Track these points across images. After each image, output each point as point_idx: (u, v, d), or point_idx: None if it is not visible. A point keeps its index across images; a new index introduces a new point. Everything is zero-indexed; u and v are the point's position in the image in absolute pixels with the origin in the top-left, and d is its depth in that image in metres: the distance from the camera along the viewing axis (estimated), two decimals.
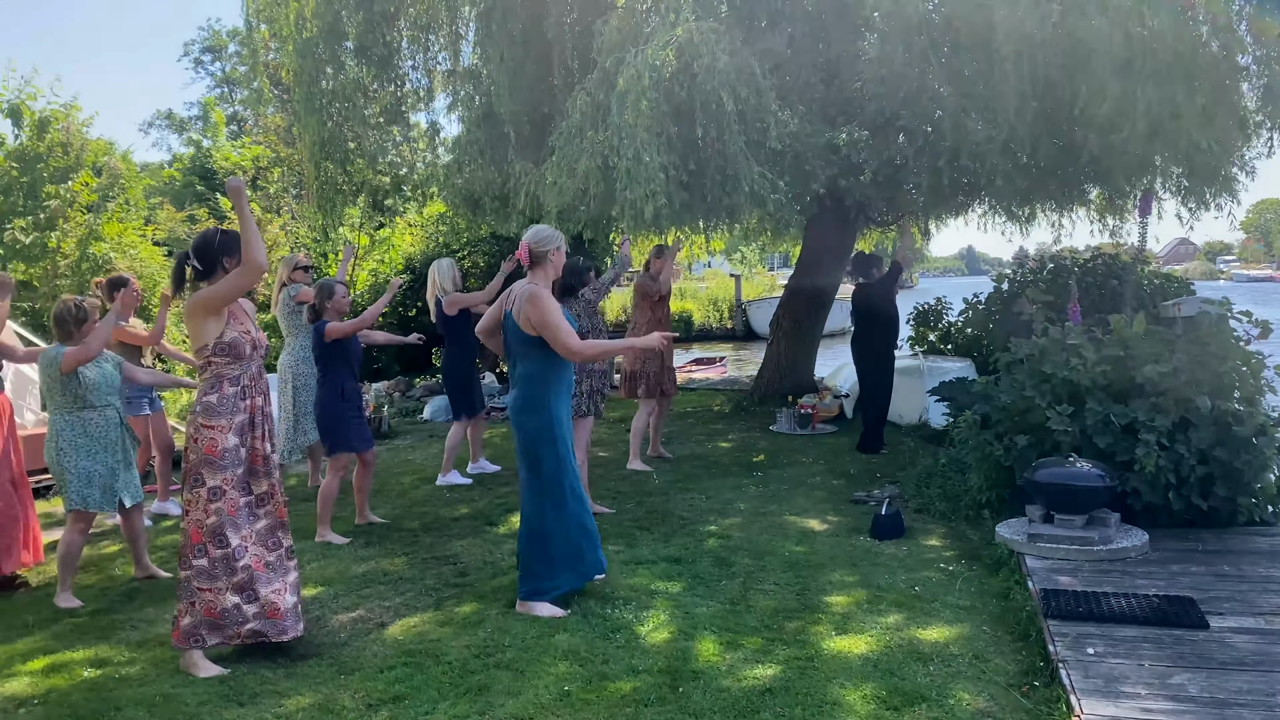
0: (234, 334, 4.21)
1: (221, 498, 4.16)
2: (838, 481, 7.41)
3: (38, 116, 12.93)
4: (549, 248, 4.79)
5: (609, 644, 4.32)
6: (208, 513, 4.14)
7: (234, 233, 4.30)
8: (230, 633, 4.18)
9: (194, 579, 4.15)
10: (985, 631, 4.39)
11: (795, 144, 7.92)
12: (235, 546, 4.19)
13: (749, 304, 28.50)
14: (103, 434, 5.30)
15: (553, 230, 4.89)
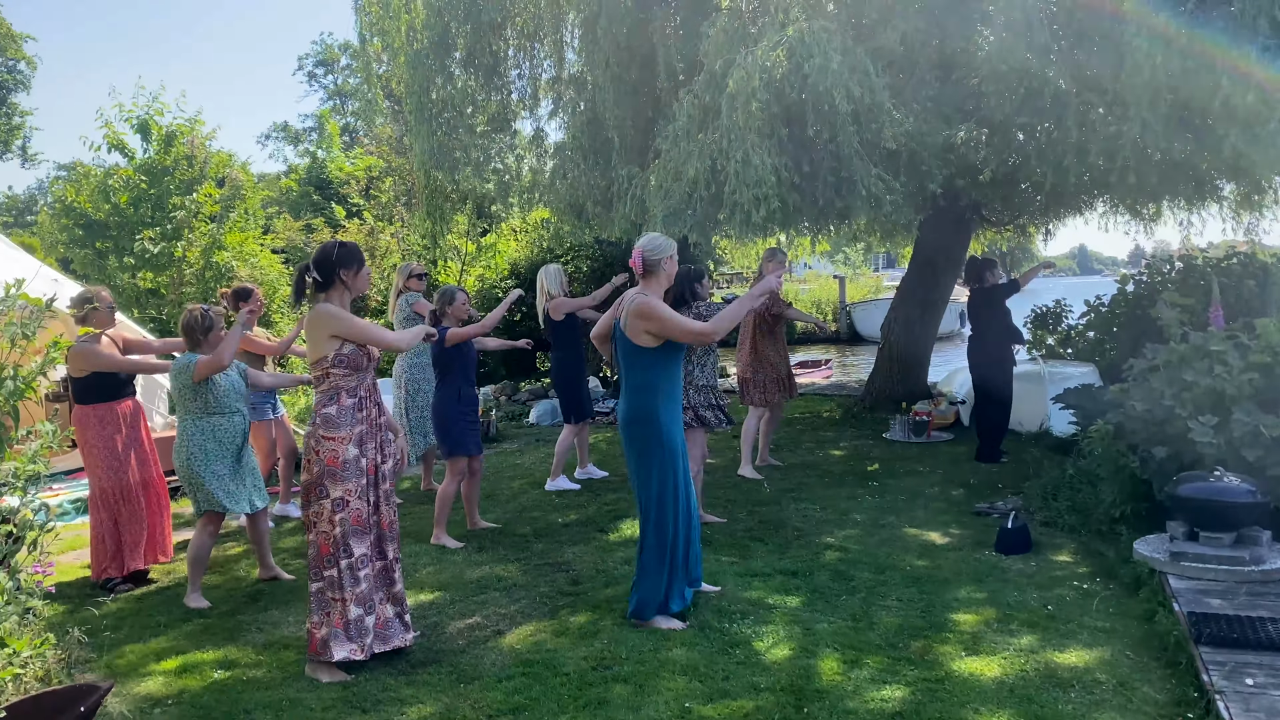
0: (351, 347, 4.27)
1: (345, 508, 4.22)
2: (957, 492, 7.15)
3: (165, 131, 13.50)
4: (661, 256, 4.71)
5: (728, 659, 4.22)
6: (333, 524, 4.20)
7: (352, 245, 4.41)
8: (357, 645, 4.23)
9: (326, 590, 4.22)
10: (1129, 657, 4.14)
11: (911, 143, 7.68)
12: (359, 555, 4.24)
13: (854, 306, 27.99)
14: (230, 439, 5.46)
15: (665, 238, 4.81)
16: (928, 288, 10.97)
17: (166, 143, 13.52)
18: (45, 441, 3.72)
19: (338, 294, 4.32)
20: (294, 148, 39.32)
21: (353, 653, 4.22)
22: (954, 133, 7.81)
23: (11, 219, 29.57)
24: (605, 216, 10.33)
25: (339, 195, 18.70)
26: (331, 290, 4.31)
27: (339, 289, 4.31)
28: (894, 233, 12.18)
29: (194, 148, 13.63)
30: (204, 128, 13.91)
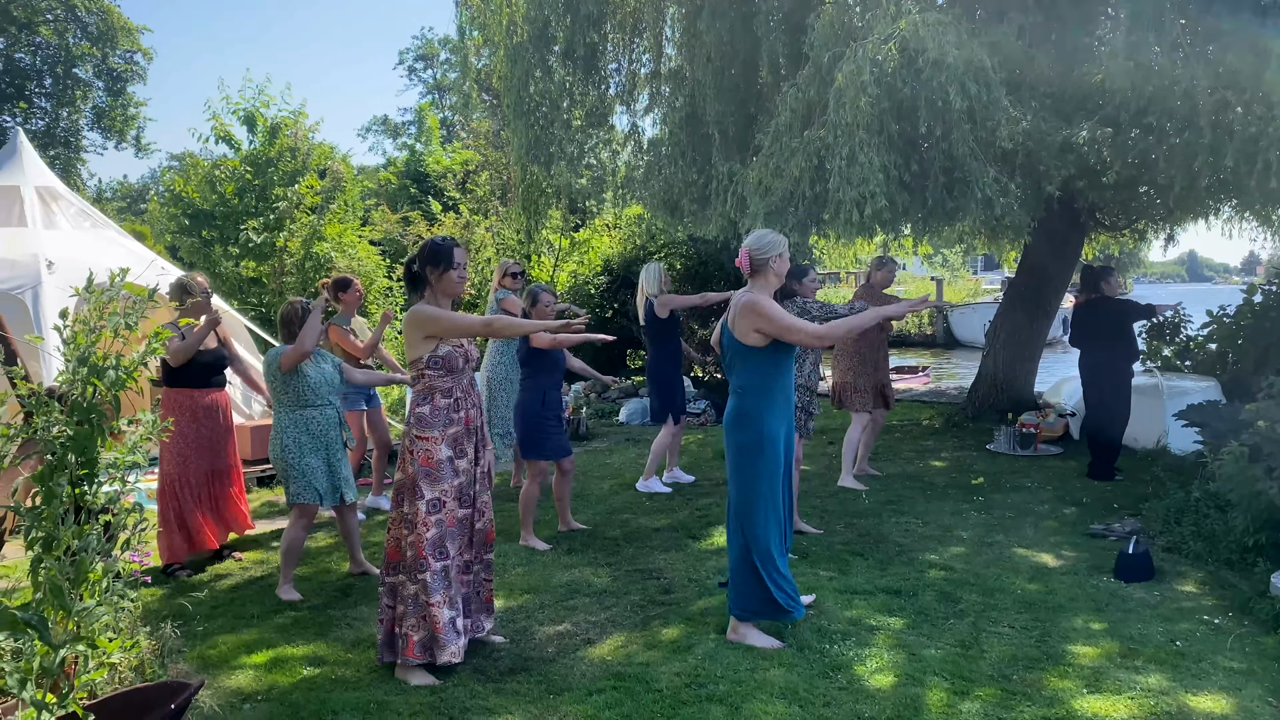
0: (448, 348, 4.18)
1: (441, 509, 4.14)
2: (1069, 510, 6.77)
3: (270, 123, 13.77)
4: (770, 254, 4.49)
5: (829, 684, 4.00)
6: (428, 525, 4.12)
7: (442, 246, 4.25)
8: (453, 649, 4.14)
9: (421, 593, 4.13)
10: (1271, 704, 3.79)
11: (1028, 142, 7.31)
12: (453, 558, 4.16)
13: (952, 309, 27.22)
14: (322, 432, 5.44)
15: (775, 235, 4.57)
16: (1037, 293, 10.50)
17: (271, 134, 13.80)
18: (146, 431, 3.70)
19: (431, 293, 4.23)
20: (393, 141, 40.07)
21: (452, 656, 4.14)
22: (1074, 132, 7.41)
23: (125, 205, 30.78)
24: (701, 214, 10.14)
25: (436, 189, 18.89)
26: (426, 289, 4.24)
27: (430, 288, 4.23)
28: (1001, 235, 11.70)
29: (297, 140, 13.88)
30: (307, 120, 14.16)
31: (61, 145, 25.57)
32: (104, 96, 26.28)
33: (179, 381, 5.81)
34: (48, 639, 2.28)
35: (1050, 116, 7.58)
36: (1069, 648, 4.35)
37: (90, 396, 3.62)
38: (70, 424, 3.56)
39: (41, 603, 2.41)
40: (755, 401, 4.43)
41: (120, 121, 26.45)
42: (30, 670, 2.29)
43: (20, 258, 7.90)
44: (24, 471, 3.62)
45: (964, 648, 4.37)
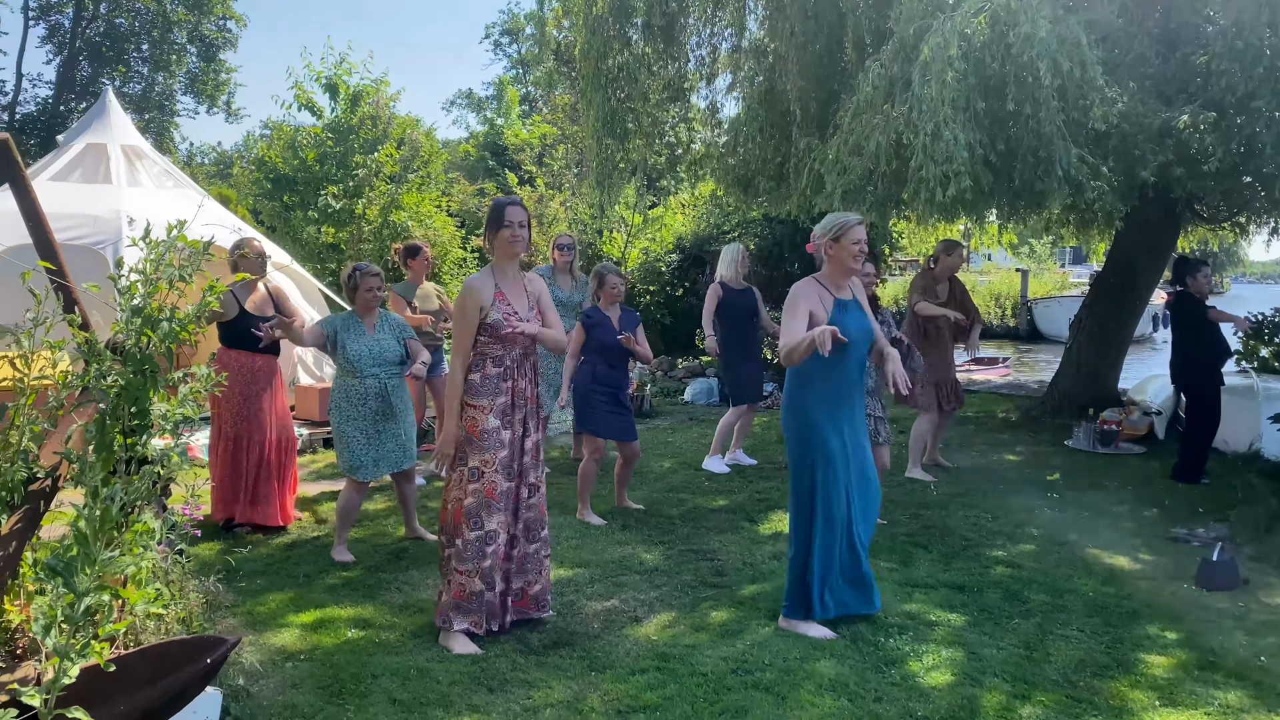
0: (497, 315, 4.10)
1: (480, 479, 4.08)
2: (1149, 513, 6.44)
3: (351, 91, 13.89)
4: (822, 239, 4.34)
5: (882, 678, 3.84)
6: (466, 493, 4.07)
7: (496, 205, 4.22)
8: (475, 619, 4.11)
9: (451, 559, 4.10)
10: None
11: (1123, 125, 6.93)
12: (489, 531, 4.09)
13: (1035, 302, 26.40)
14: (362, 401, 5.37)
15: (838, 216, 4.36)
16: (1126, 285, 10.04)
17: (353, 103, 13.92)
18: (195, 386, 3.69)
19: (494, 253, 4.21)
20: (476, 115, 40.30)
21: (473, 625, 4.10)
22: (1175, 115, 6.99)
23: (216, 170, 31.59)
24: (776, 192, 9.92)
25: (513, 162, 18.94)
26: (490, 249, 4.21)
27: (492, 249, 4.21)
28: (1091, 224, 11.22)
29: (378, 108, 13.98)
30: (388, 89, 14.25)
31: (156, 109, 26.30)
32: (197, 62, 26.94)
33: (234, 343, 5.83)
34: (72, 586, 2.26)
35: (1149, 99, 7.19)
36: (1141, 656, 4.11)
37: (144, 347, 3.62)
38: (124, 374, 3.57)
39: (68, 549, 2.39)
40: (802, 391, 4.29)
41: (211, 87, 27.09)
42: (54, 616, 2.27)
43: (104, 214, 8.08)
44: (78, 420, 3.65)
45: (1028, 649, 4.16)
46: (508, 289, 4.18)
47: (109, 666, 2.35)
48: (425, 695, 3.64)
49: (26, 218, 3.74)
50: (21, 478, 3.54)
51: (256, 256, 5.95)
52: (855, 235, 4.26)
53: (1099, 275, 10.63)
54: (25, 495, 3.54)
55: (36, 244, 3.78)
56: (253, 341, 5.80)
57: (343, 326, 5.39)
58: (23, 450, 3.62)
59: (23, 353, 3.64)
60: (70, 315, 3.64)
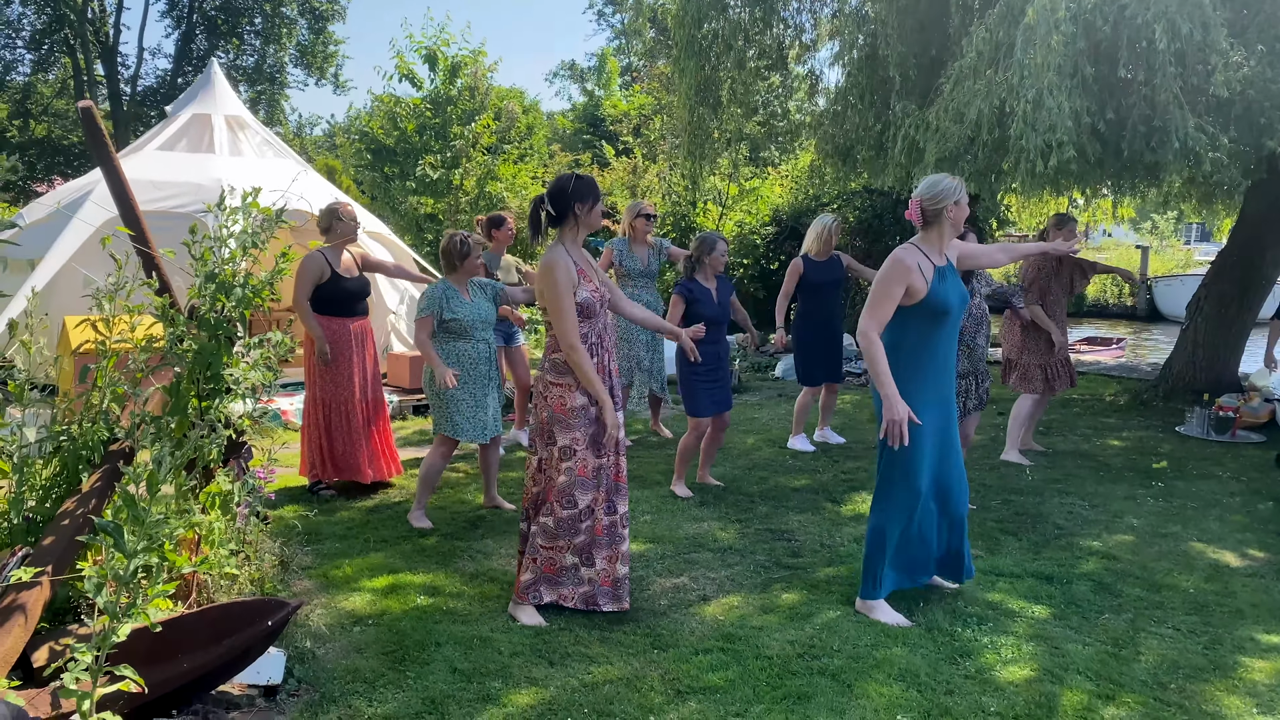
0: (585, 293, 4.04)
1: (572, 457, 4.04)
2: (1264, 506, 6.04)
3: (450, 62, 14.00)
4: (945, 203, 4.07)
5: (955, 670, 3.68)
6: (559, 471, 4.05)
7: (588, 179, 4.16)
8: (565, 591, 4.11)
9: (539, 536, 4.09)
10: None
11: (1248, 91, 6.46)
12: (582, 509, 4.06)
13: (1156, 280, 25.10)
14: (471, 365, 5.43)
15: (948, 180, 4.11)
16: (1251, 264, 9.41)
17: (451, 73, 14.03)
18: (266, 352, 3.75)
19: (570, 230, 4.10)
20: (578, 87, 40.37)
21: (562, 599, 4.10)
22: None
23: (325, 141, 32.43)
24: (876, 162, 9.60)
25: (610, 133, 18.88)
26: (565, 225, 4.10)
27: (571, 224, 4.09)
28: (1214, 199, 10.57)
29: (476, 79, 14.07)
30: (486, 60, 14.32)
31: (267, 81, 27.11)
32: (306, 34, 27.63)
33: (325, 309, 5.89)
34: (122, 547, 2.29)
35: (1278, 62, 6.68)
36: (1241, 660, 3.84)
37: (219, 312, 3.68)
38: (198, 339, 3.63)
39: (119, 511, 2.43)
40: (890, 359, 4.07)
41: (320, 59, 27.76)
42: (105, 575, 2.31)
43: (205, 182, 8.33)
44: (155, 383, 3.74)
45: (1116, 647, 3.93)
46: (585, 265, 4.15)
47: (155, 627, 2.39)
48: (486, 666, 3.64)
49: (110, 184, 3.84)
50: (103, 438, 3.65)
51: (350, 220, 5.99)
52: (965, 197, 4.12)
53: (1221, 253, 10.00)
54: (105, 455, 3.65)
55: (120, 210, 3.89)
56: (345, 306, 5.90)
57: (443, 298, 5.39)
58: (104, 411, 3.72)
59: (104, 316, 3.74)
60: (149, 280, 3.73)
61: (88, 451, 3.55)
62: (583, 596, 4.14)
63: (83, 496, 3.46)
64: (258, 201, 3.67)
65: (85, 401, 3.68)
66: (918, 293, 3.99)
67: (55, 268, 7.74)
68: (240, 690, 3.26)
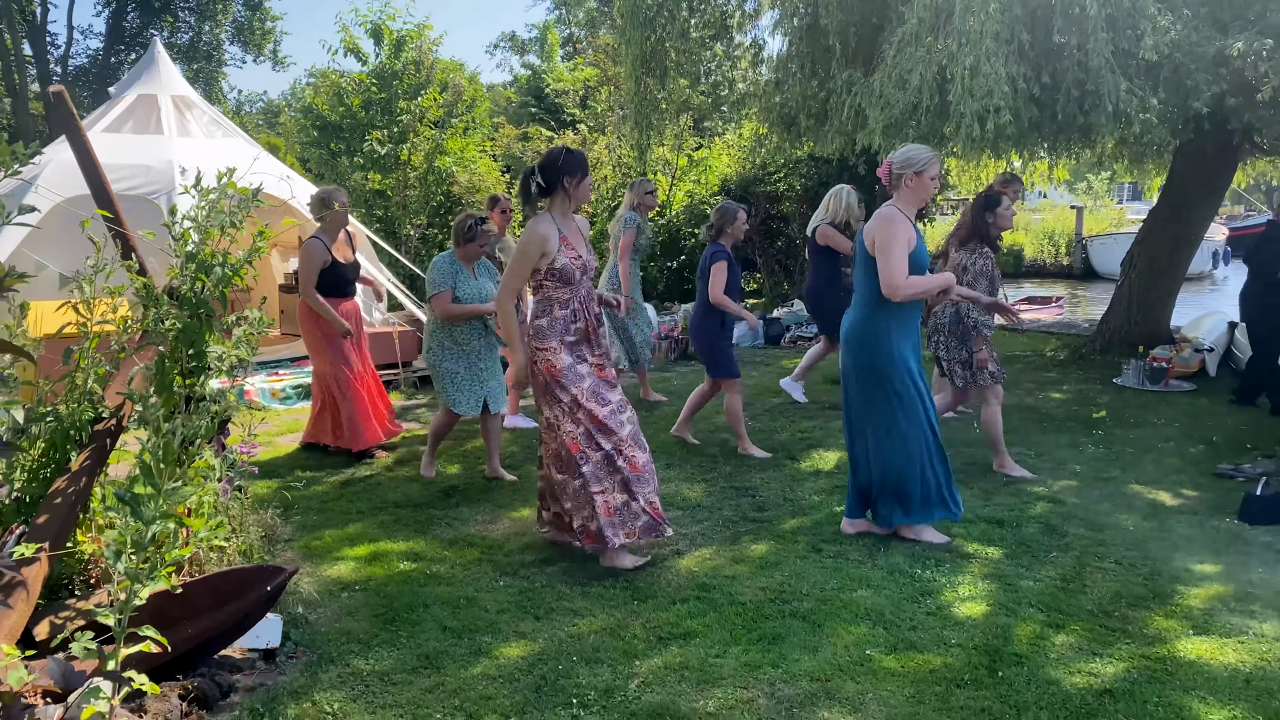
0: (564, 260, 4.26)
1: (580, 409, 4.24)
2: (1196, 449, 6.40)
3: (395, 36, 13.90)
4: (906, 170, 4.39)
5: (917, 608, 3.92)
6: (576, 422, 4.24)
7: (579, 154, 4.37)
8: (629, 529, 4.28)
9: (588, 484, 4.24)
10: None
11: (1175, 54, 6.76)
12: (609, 449, 4.25)
13: (1091, 239, 25.83)
14: (465, 340, 5.67)
15: (926, 151, 4.42)
16: (1180, 221, 9.81)
17: (396, 48, 13.94)
18: (251, 329, 3.83)
19: (560, 201, 4.32)
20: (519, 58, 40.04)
21: (628, 535, 4.27)
22: (1230, 43, 6.80)
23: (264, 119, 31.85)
24: (818, 130, 9.79)
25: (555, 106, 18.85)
26: (554, 196, 4.32)
27: (561, 196, 4.31)
28: (1144, 158, 10.95)
29: (421, 53, 13.98)
30: (431, 34, 14.23)
31: (204, 59, 26.54)
32: (243, 11, 27.07)
33: (326, 292, 6.08)
34: (139, 514, 2.40)
35: (1204, 26, 6.99)
36: (1178, 588, 4.14)
37: (199, 292, 3.76)
38: (180, 318, 3.71)
39: (135, 481, 2.54)
40: (876, 316, 4.40)
41: (258, 35, 27.24)
42: (124, 543, 2.42)
43: (156, 163, 8.26)
44: (139, 362, 3.82)
45: (1065, 581, 4.21)
46: (570, 234, 4.35)
47: (176, 589, 2.51)
48: (475, 623, 3.80)
49: (83, 168, 3.88)
50: (89, 417, 3.72)
51: (342, 207, 6.13)
52: (935, 170, 4.40)
53: (1152, 211, 10.40)
54: (92, 434, 3.72)
55: (93, 193, 3.93)
56: (341, 289, 6.12)
57: (453, 272, 5.62)
58: (88, 391, 3.79)
59: (85, 298, 3.80)
60: (129, 262, 3.79)
61: (75, 431, 3.62)
62: (644, 528, 4.32)
63: (73, 475, 3.53)
64: (234, 182, 3.74)
65: (69, 383, 3.74)
66: (911, 244, 4.31)
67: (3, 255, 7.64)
68: (241, 654, 3.38)
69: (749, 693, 3.25)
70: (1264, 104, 7.02)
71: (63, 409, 3.58)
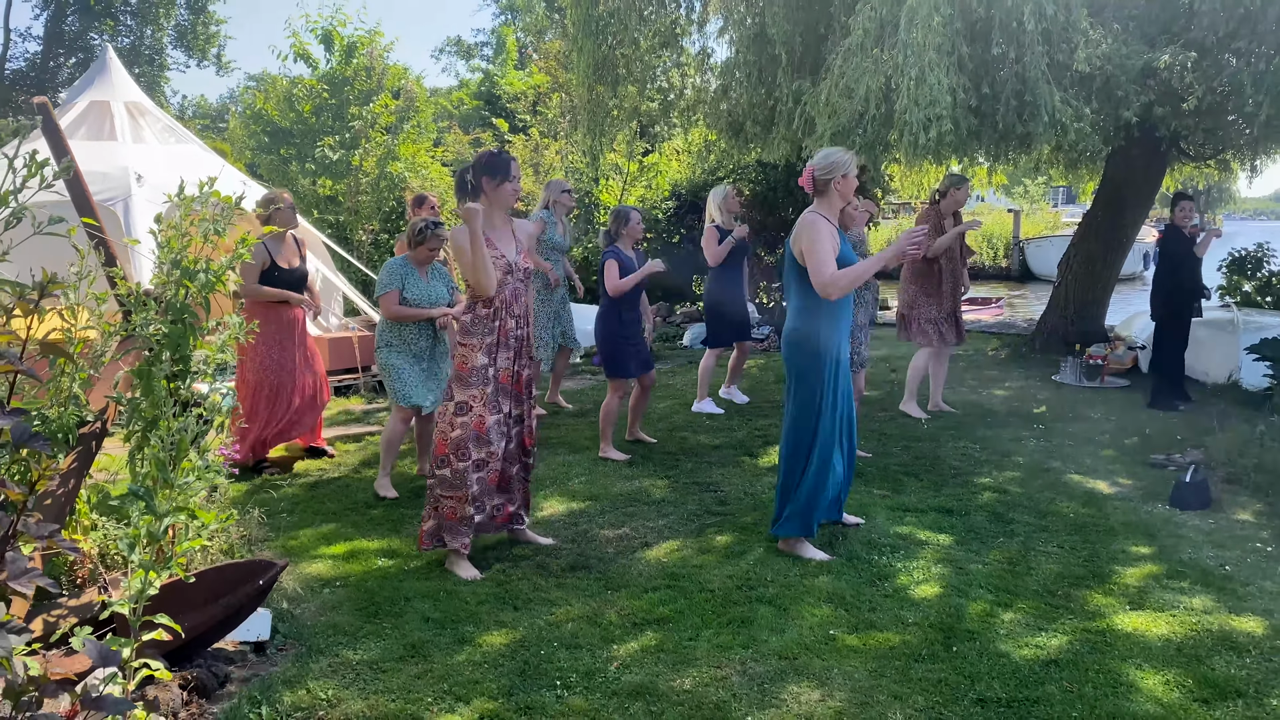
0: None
1: (468, 413, 4.34)
2: (1131, 441, 6.76)
3: (346, 42, 13.91)
4: (834, 175, 4.48)
5: (875, 591, 4.16)
6: (453, 425, 4.34)
7: (500, 157, 4.40)
8: (464, 541, 4.39)
9: (437, 487, 4.38)
10: None
11: (1106, 66, 7.14)
12: (475, 460, 4.34)
13: (1028, 242, 26.57)
14: (414, 340, 5.72)
15: (841, 154, 4.51)
16: (1113, 224, 10.27)
17: (347, 54, 13.95)
18: (233, 333, 3.93)
19: (484, 202, 4.37)
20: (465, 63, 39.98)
21: (462, 547, 4.38)
22: (1157, 56, 7.19)
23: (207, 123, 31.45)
24: (765, 137, 10.05)
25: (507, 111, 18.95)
26: (479, 198, 4.37)
27: (483, 198, 4.37)
28: (1079, 164, 11.42)
29: (373, 59, 14.02)
30: (382, 40, 14.27)
31: (146, 63, 26.11)
32: (186, 14, 26.70)
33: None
34: (153, 508, 2.52)
35: (1133, 40, 7.38)
36: (1115, 568, 4.44)
37: (183, 297, 3.86)
38: (165, 323, 3.81)
39: (146, 476, 2.65)
40: (811, 322, 4.47)
41: (202, 40, 26.88)
42: (138, 536, 2.53)
43: (111, 170, 8.24)
44: (124, 366, 3.90)
45: (1011, 564, 4.48)
46: (495, 235, 4.39)
47: (190, 578, 2.63)
48: (456, 614, 3.95)
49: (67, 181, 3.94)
50: (74, 421, 3.79)
51: (288, 208, 6.12)
52: (855, 171, 4.51)
53: (1087, 214, 10.87)
54: (78, 438, 3.79)
55: (75, 201, 4.01)
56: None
57: (403, 271, 5.68)
58: (73, 396, 3.87)
59: (70, 305, 3.87)
60: (114, 269, 3.87)
61: (62, 435, 3.69)
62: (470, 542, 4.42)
63: (62, 476, 3.61)
64: (218, 190, 3.84)
65: (54, 387, 3.81)
66: (836, 247, 4.40)
67: None
68: (234, 647, 3.50)
69: (722, 671, 3.45)
70: (1189, 113, 7.43)
71: (53, 413, 3.66)
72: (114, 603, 2.50)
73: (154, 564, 2.51)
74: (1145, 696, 3.27)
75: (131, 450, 3.55)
